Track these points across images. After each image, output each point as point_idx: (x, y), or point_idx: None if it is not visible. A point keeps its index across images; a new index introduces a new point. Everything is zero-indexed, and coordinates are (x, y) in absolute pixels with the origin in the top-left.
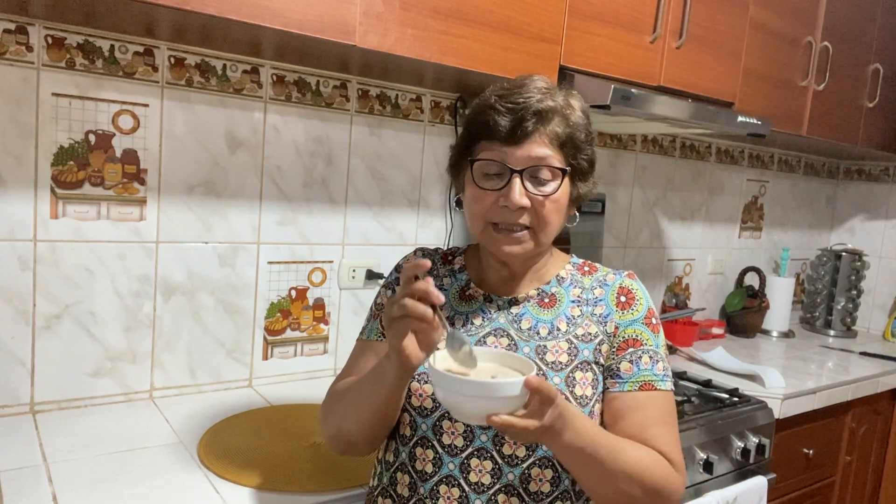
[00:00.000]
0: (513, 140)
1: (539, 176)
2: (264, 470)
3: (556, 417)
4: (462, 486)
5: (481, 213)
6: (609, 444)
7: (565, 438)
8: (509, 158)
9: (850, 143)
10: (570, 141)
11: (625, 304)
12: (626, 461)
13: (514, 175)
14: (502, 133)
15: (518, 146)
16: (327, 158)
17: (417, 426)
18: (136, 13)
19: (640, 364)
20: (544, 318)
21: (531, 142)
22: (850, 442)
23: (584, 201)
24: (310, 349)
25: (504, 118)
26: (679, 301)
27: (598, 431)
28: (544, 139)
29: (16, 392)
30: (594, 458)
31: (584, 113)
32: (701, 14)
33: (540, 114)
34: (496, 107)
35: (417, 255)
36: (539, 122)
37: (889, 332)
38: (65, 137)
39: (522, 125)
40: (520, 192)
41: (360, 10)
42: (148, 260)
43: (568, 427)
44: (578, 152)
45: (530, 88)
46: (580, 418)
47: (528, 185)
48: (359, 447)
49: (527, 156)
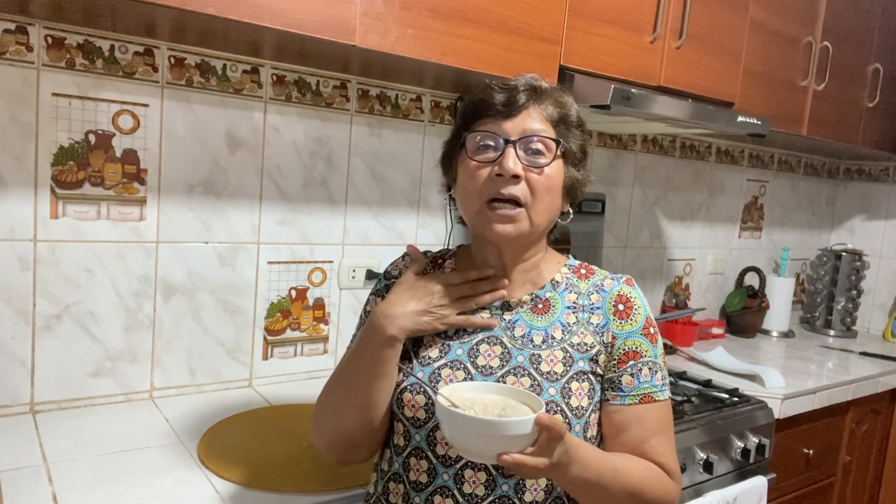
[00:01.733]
0: (507, 113)
1: (532, 147)
2: (264, 470)
3: (563, 453)
4: (456, 497)
5: (476, 189)
6: (611, 468)
7: (572, 472)
8: (503, 130)
9: (850, 143)
10: (562, 120)
11: (623, 313)
12: (629, 482)
13: (508, 145)
14: (497, 106)
15: (512, 118)
16: (327, 158)
17: (411, 437)
18: (136, 13)
19: (640, 377)
20: (538, 324)
21: (525, 115)
22: (850, 442)
23: (578, 195)
24: (310, 349)
25: (499, 94)
26: (679, 301)
27: (601, 457)
28: (538, 114)
29: (16, 392)
30: (599, 485)
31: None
32: (701, 14)
33: (534, 90)
34: (492, 86)
35: (406, 259)
36: (532, 98)
37: (889, 332)
38: (65, 137)
39: (517, 97)
40: (514, 160)
41: (360, 10)
42: (148, 260)
43: (573, 461)
44: (571, 133)
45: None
46: (584, 448)
47: (521, 156)
48: (359, 446)
49: (521, 128)
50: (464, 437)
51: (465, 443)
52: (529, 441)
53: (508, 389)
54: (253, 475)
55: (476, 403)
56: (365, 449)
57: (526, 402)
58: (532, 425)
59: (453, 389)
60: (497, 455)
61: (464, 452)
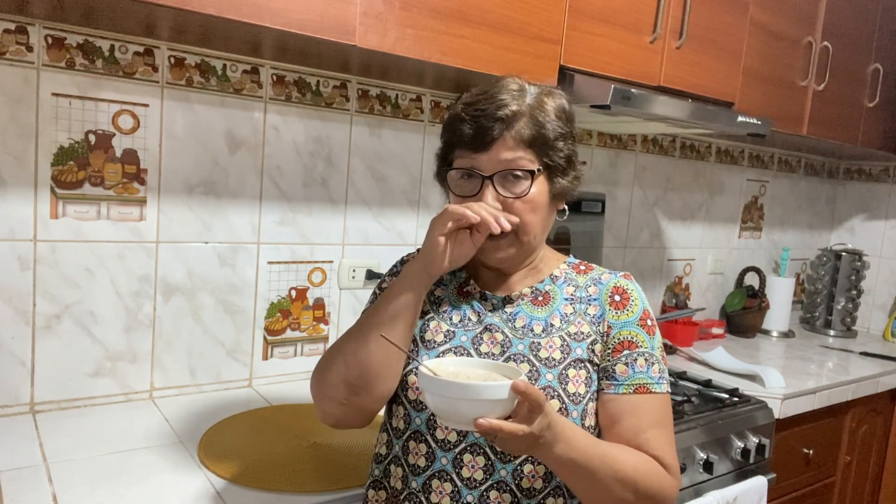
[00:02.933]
0: (480, 146)
1: (509, 179)
2: (264, 470)
3: (545, 427)
4: (454, 481)
5: None
6: (601, 453)
7: (557, 450)
8: (479, 164)
9: (850, 143)
10: (538, 140)
11: (619, 304)
12: (620, 469)
13: (486, 181)
14: (469, 141)
15: (485, 152)
16: (327, 158)
17: (412, 420)
18: (136, 13)
19: (635, 367)
20: (538, 315)
21: (498, 146)
22: (850, 442)
23: (570, 195)
24: (310, 349)
25: (468, 126)
26: (679, 301)
27: (590, 440)
28: (511, 142)
29: (16, 392)
30: (587, 468)
31: (560, 110)
32: (701, 14)
33: (502, 120)
34: (461, 115)
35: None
36: (503, 128)
37: (889, 332)
38: (65, 137)
39: (488, 132)
40: (492, 196)
41: (360, 10)
42: (148, 260)
43: (559, 439)
44: (551, 150)
45: (498, 94)
46: (571, 429)
47: (499, 189)
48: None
49: (496, 160)
50: (441, 403)
51: (443, 409)
52: (507, 408)
53: (493, 365)
54: (253, 475)
55: (459, 377)
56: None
57: (509, 376)
58: (508, 391)
59: (439, 363)
60: (474, 420)
61: (444, 419)
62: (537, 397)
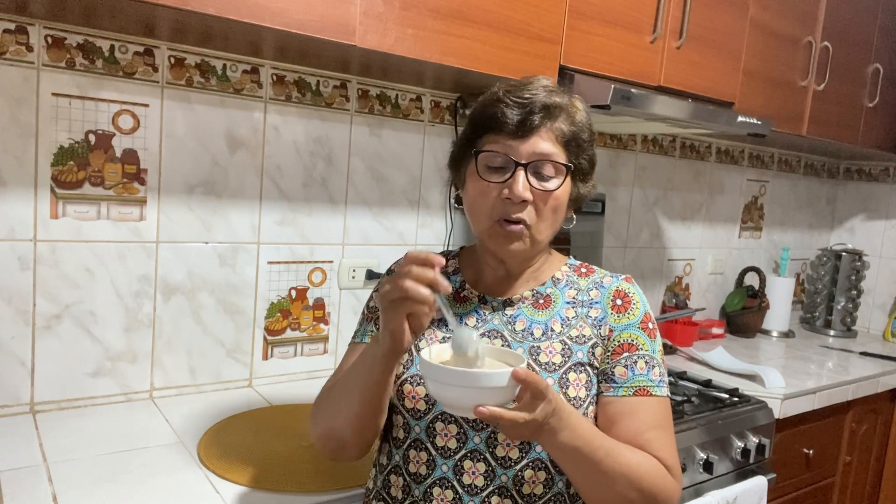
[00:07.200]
0: (520, 133)
1: (542, 172)
2: (264, 470)
3: (549, 414)
4: (455, 489)
5: (487, 209)
6: (606, 446)
7: (561, 438)
8: (514, 151)
9: (850, 143)
10: (574, 139)
11: (620, 307)
12: (624, 464)
13: (519, 168)
14: (510, 126)
15: (524, 140)
16: (327, 158)
17: (411, 428)
18: (136, 13)
19: (634, 369)
20: (539, 319)
21: (537, 136)
22: (850, 442)
23: (582, 203)
24: (310, 349)
25: (512, 111)
26: (679, 301)
27: (596, 432)
28: (550, 135)
29: (16, 392)
30: (591, 458)
31: (587, 114)
32: (701, 14)
33: (547, 108)
34: (505, 100)
35: None
36: (546, 118)
37: (889, 332)
38: (65, 137)
39: (530, 118)
40: (524, 185)
41: (360, 10)
42: (148, 260)
43: (564, 427)
44: (581, 151)
45: (537, 86)
46: (576, 418)
47: (531, 180)
48: (348, 448)
49: (532, 150)
50: (442, 391)
51: (444, 396)
52: (508, 396)
53: (499, 351)
54: (253, 475)
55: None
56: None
57: (512, 363)
58: (509, 379)
59: (441, 349)
60: (474, 408)
61: (446, 406)
62: (538, 384)
